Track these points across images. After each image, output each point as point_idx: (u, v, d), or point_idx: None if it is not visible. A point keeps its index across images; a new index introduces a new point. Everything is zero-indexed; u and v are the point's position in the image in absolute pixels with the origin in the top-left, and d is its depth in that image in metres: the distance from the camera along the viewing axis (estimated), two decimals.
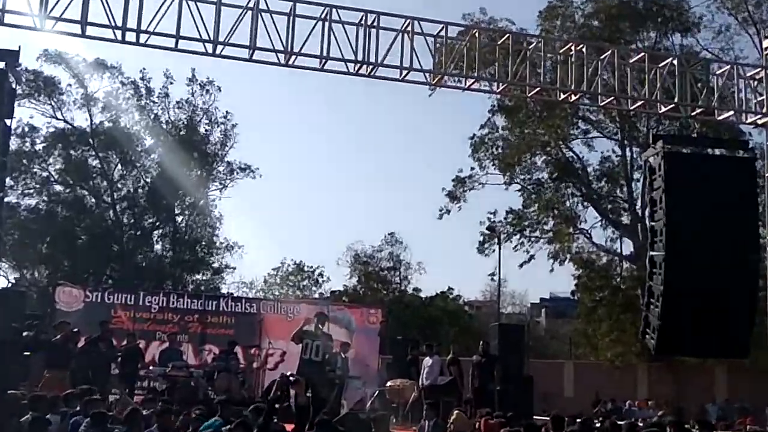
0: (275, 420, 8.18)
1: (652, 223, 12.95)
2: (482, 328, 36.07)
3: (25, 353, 13.72)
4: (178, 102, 40.31)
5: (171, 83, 39.93)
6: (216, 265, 41.93)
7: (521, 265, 36.19)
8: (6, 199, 34.67)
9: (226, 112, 40.79)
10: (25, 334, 13.84)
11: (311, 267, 46.61)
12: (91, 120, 39.19)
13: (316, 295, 43.93)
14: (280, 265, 46.92)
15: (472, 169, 36.43)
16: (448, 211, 36.98)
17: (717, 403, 26.30)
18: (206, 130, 40.90)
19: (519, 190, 36.14)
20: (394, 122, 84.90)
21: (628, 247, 35.23)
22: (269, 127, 73.92)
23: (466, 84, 14.55)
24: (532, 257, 35.79)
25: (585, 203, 35.76)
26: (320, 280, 46.83)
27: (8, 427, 8.84)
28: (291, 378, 7.85)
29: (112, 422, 9.26)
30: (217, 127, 40.91)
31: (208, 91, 40.33)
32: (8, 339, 11.95)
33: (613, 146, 35.46)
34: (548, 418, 11.26)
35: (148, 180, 40.19)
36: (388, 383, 15.53)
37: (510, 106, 34.40)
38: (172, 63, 58.60)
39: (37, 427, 8.95)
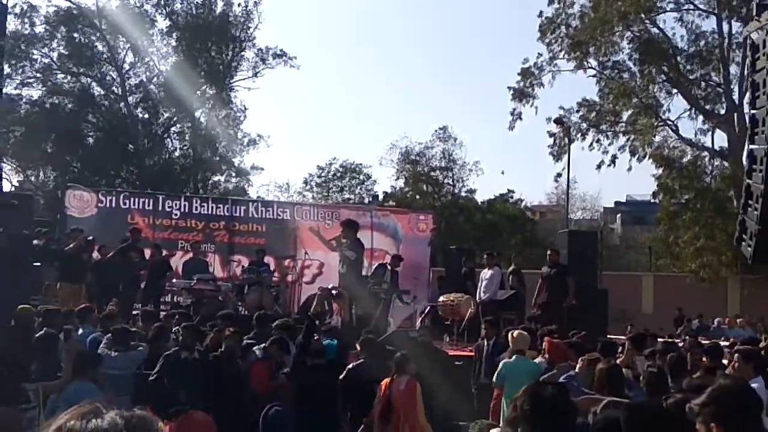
0: (317, 338, 8.36)
1: (753, 111, 12.53)
2: (547, 237, 36.19)
3: (36, 264, 14.13)
4: None
5: None
6: (242, 164, 42.32)
7: (599, 166, 35.84)
8: (4, 90, 35.35)
9: None
10: (35, 242, 14.23)
11: (360, 166, 46.51)
12: None
13: (366, 200, 44.10)
14: (327, 164, 46.90)
15: (539, 55, 35.68)
16: (520, 116, 36.39)
17: None
18: (224, 9, 40.58)
19: (594, 76, 35.42)
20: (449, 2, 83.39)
21: (720, 141, 34.61)
22: (299, 6, 73.25)
23: None
24: (614, 158, 35.30)
25: (672, 90, 34.94)
26: (366, 182, 46.78)
27: (21, 343, 9.20)
28: (333, 292, 7.95)
29: (136, 339, 9.60)
30: (237, 4, 40.61)
31: None
32: (18, 248, 12.33)
33: (705, 21, 34.39)
34: (623, 338, 11.34)
35: (164, 68, 40.29)
36: (441, 298, 15.66)
37: None
38: None
39: (47, 343, 9.31)
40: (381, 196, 45.21)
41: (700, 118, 34.51)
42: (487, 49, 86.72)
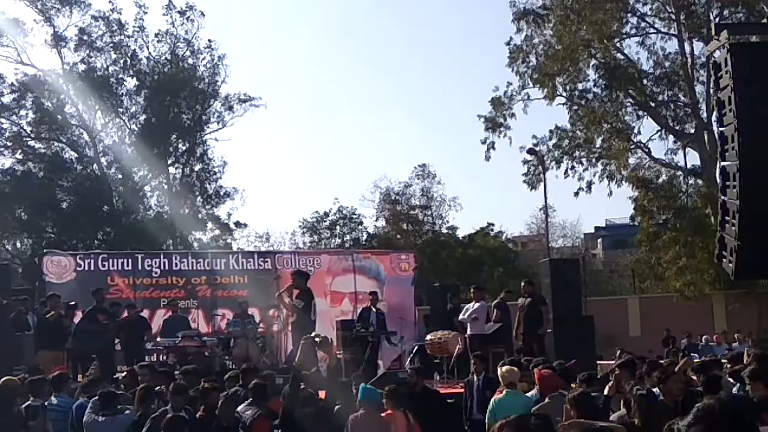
0: (302, 386, 8.29)
1: (722, 129, 12.67)
2: (530, 267, 36.24)
3: (17, 333, 13.98)
4: (156, 34, 40.37)
5: (145, 13, 39.94)
6: (223, 218, 42.15)
7: (576, 194, 36.12)
8: None
9: (209, 41, 40.94)
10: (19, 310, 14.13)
11: (354, 212, 46.03)
12: (63, 63, 39.34)
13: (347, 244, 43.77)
14: (327, 211, 46.12)
15: (509, 84, 36.05)
16: (493, 145, 36.66)
17: None
18: (190, 64, 40.80)
19: (564, 104, 35.81)
20: (413, 33, 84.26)
21: (692, 159, 35.01)
22: (265, 54, 73.72)
23: None
24: (590, 184, 35.58)
25: (640, 112, 35.37)
26: (359, 227, 46.23)
27: (6, 416, 9.07)
28: (317, 339, 7.91)
29: (122, 402, 9.47)
30: (203, 58, 40.85)
31: (189, 18, 40.30)
32: None
33: (668, 43, 34.95)
34: (612, 362, 11.32)
35: (134, 127, 40.29)
36: (428, 337, 15.60)
37: (538, 9, 34.02)
38: None
39: (33, 414, 9.18)
40: (364, 237, 45.02)
41: (671, 138, 34.96)
42: (457, 78, 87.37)
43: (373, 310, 16.62)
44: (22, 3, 38.41)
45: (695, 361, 11.87)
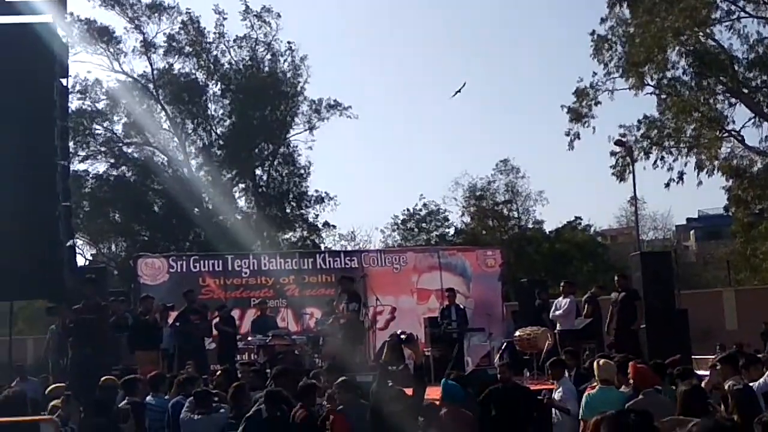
0: (390, 384, 8.31)
1: None
2: (620, 261, 35.62)
3: (117, 334, 14.48)
4: (235, 39, 41.02)
5: (225, 19, 40.68)
6: (310, 219, 42.56)
7: (667, 185, 35.16)
8: (72, 167, 36.45)
9: (288, 42, 41.40)
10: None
11: (439, 207, 45.67)
12: (153, 69, 40.38)
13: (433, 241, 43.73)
14: (414, 208, 45.98)
15: (594, 74, 35.42)
16: (578, 136, 35.96)
17: None
18: (272, 66, 41.39)
19: (651, 93, 35.00)
20: (493, 28, 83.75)
21: None
22: (343, 54, 74.30)
23: None
24: (681, 174, 34.57)
25: (733, 100, 34.32)
26: (444, 223, 46.13)
27: (107, 414, 9.40)
28: (403, 336, 7.92)
29: (217, 400, 9.71)
30: (283, 60, 41.39)
31: (265, 21, 40.83)
32: (98, 320, 12.70)
33: (762, 27, 33.75)
34: (712, 357, 11.06)
35: (221, 131, 41.07)
36: (517, 333, 15.49)
37: None
38: None
39: (134, 412, 9.52)
40: (451, 233, 44.84)
41: (765, 125, 33.82)
42: (540, 72, 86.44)
43: (454, 306, 16.62)
44: (113, 12, 39.60)
45: None
